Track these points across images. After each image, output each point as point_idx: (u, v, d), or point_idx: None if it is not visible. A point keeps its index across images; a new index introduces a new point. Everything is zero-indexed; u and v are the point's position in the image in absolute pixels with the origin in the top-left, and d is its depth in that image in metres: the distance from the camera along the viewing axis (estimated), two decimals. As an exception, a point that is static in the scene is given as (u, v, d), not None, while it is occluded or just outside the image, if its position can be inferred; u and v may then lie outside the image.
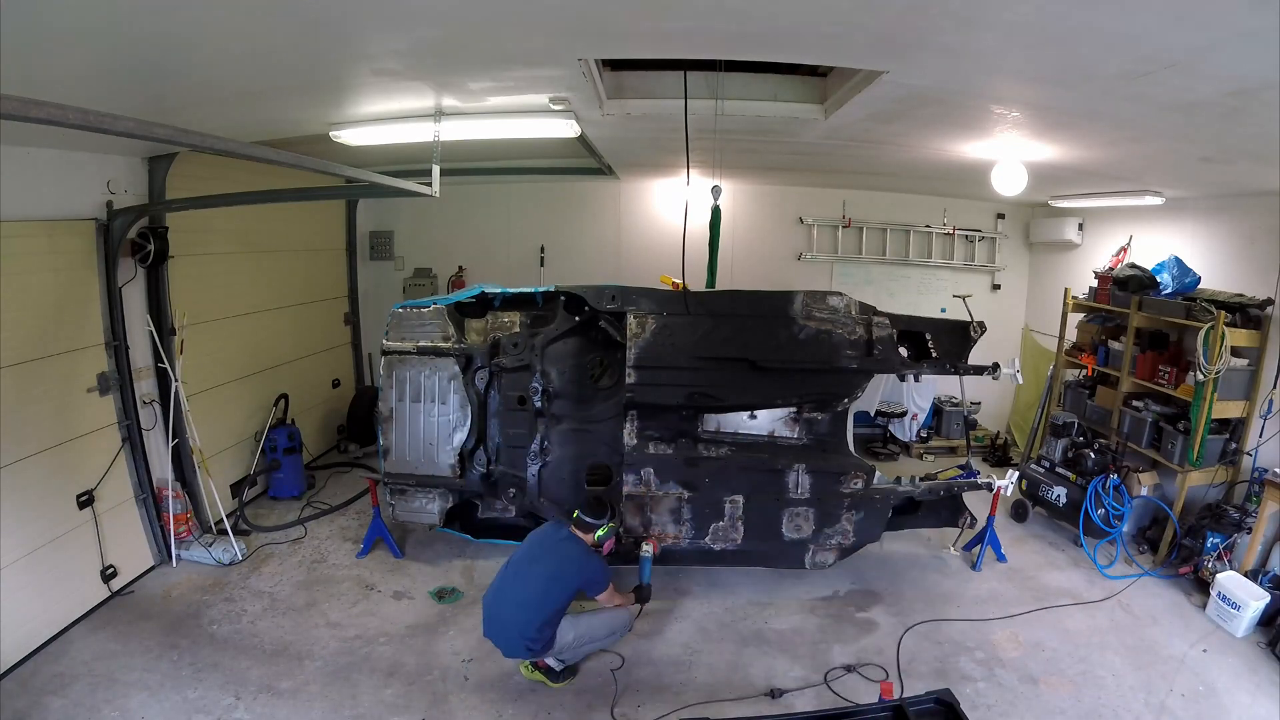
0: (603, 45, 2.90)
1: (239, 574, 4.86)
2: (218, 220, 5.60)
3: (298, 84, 3.24)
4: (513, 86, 3.44)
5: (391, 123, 4.02)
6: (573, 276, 5.66)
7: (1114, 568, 5.17)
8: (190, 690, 3.68)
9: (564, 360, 4.95)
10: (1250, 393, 5.02)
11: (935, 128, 4.00)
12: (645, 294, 4.73)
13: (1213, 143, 3.64)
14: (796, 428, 4.86)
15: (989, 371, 4.92)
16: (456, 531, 5.14)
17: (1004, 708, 3.67)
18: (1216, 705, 3.71)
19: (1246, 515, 4.80)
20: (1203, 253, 5.50)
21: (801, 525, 4.59)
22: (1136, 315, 5.58)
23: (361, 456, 7.20)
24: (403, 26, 2.47)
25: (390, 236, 8.18)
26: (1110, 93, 2.85)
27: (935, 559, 5.31)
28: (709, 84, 3.52)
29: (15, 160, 3.84)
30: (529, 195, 7.94)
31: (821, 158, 5.59)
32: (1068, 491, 5.52)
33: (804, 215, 7.93)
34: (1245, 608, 4.25)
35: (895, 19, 2.25)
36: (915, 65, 2.76)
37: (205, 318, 5.38)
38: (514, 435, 4.97)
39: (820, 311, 4.67)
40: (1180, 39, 2.18)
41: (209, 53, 2.65)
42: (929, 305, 7.60)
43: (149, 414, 4.90)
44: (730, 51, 2.98)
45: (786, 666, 4.01)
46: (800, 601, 4.68)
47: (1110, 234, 6.63)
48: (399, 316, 5.03)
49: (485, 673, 3.90)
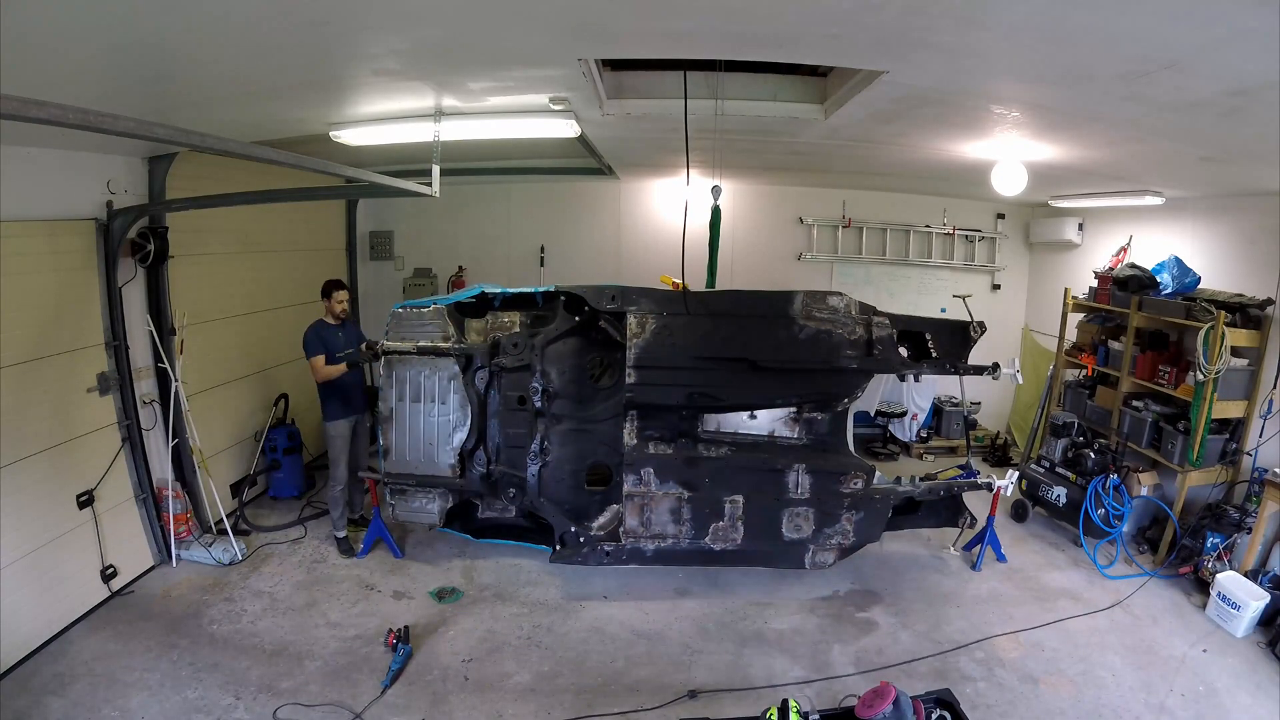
0: (603, 45, 2.90)
1: (239, 574, 4.86)
2: (218, 220, 5.60)
3: (298, 84, 3.24)
4: (513, 86, 3.44)
5: (391, 123, 4.02)
6: (573, 276, 5.66)
7: (1114, 568, 5.17)
8: (190, 690, 3.67)
9: (564, 360, 4.95)
10: (1250, 393, 5.03)
11: (935, 128, 4.00)
12: (645, 294, 4.73)
13: (1213, 143, 3.64)
14: (796, 428, 4.86)
15: (989, 371, 4.92)
16: (456, 531, 5.14)
17: (1004, 708, 3.67)
18: (1216, 705, 3.71)
19: (1246, 515, 4.81)
20: (1203, 253, 5.50)
21: (801, 525, 4.59)
22: (1136, 315, 5.58)
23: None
24: (403, 26, 2.47)
25: (390, 236, 8.18)
26: (1110, 93, 2.85)
27: (935, 559, 5.31)
28: (709, 84, 3.53)
29: (16, 160, 3.84)
30: (529, 195, 7.94)
31: (821, 158, 5.59)
32: (1068, 491, 5.52)
33: (804, 215, 7.93)
34: (1245, 608, 4.25)
35: (895, 19, 2.25)
36: (915, 65, 2.76)
37: (205, 318, 5.38)
38: (514, 435, 4.97)
39: (820, 311, 4.67)
40: (1180, 39, 2.18)
41: (209, 52, 2.65)
42: (929, 305, 7.60)
43: (149, 414, 4.90)
44: (730, 51, 2.98)
45: (786, 666, 4.01)
46: (800, 601, 4.68)
47: (1110, 234, 6.63)
48: (399, 316, 5.03)
49: (485, 673, 3.90)
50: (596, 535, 4.70)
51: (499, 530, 5.19)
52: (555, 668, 3.97)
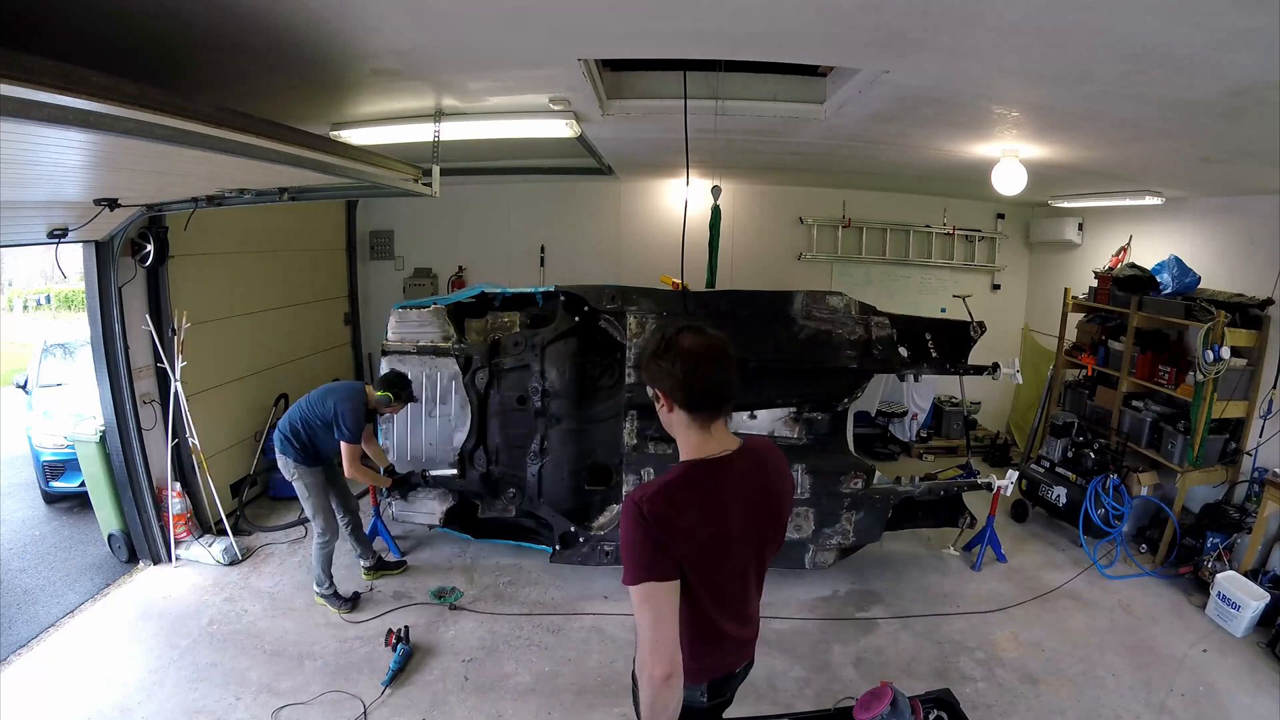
0: (603, 45, 2.89)
1: (239, 574, 4.86)
2: (218, 220, 5.60)
3: (297, 83, 3.24)
4: (513, 86, 3.44)
5: (391, 123, 4.02)
6: (573, 276, 5.66)
7: (1114, 567, 5.17)
8: (190, 690, 3.67)
9: (564, 360, 4.95)
10: (1250, 393, 5.03)
11: (935, 128, 3.99)
12: (645, 294, 4.73)
13: (1213, 143, 3.64)
14: (796, 428, 4.86)
15: (989, 371, 4.92)
16: (456, 531, 5.14)
17: (1004, 708, 3.67)
18: (1216, 705, 3.71)
19: (1246, 515, 4.81)
20: (1203, 253, 5.50)
21: (801, 525, 4.59)
22: (1136, 315, 5.58)
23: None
24: (403, 26, 2.47)
25: (390, 236, 8.18)
26: (1110, 93, 2.85)
27: (935, 559, 5.31)
28: (709, 84, 3.52)
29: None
30: (529, 195, 7.93)
31: (821, 158, 5.59)
32: (1068, 491, 5.53)
33: (804, 215, 7.93)
34: (1245, 608, 4.25)
35: (895, 19, 2.25)
36: (915, 65, 2.75)
37: (205, 318, 5.37)
38: (514, 435, 4.97)
39: (820, 311, 4.67)
40: (1180, 39, 2.18)
41: (208, 51, 2.65)
42: (929, 305, 7.60)
43: (149, 414, 4.90)
44: (730, 51, 2.98)
45: (786, 666, 4.01)
46: (800, 601, 4.68)
47: (1110, 234, 6.63)
48: (399, 316, 5.03)
49: (485, 673, 3.90)
50: (597, 535, 4.70)
51: (499, 530, 5.19)
52: (555, 668, 3.97)
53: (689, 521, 1.74)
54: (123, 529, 4.89)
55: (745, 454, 1.90)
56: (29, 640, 4.04)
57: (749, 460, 1.90)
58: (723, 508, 1.82)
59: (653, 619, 1.68)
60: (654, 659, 1.66)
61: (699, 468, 1.83)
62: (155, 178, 3.43)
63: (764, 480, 1.94)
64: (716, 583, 1.84)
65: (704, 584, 1.79)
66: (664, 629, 1.68)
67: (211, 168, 3.16)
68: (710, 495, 1.81)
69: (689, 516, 1.75)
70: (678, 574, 1.71)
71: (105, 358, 4.60)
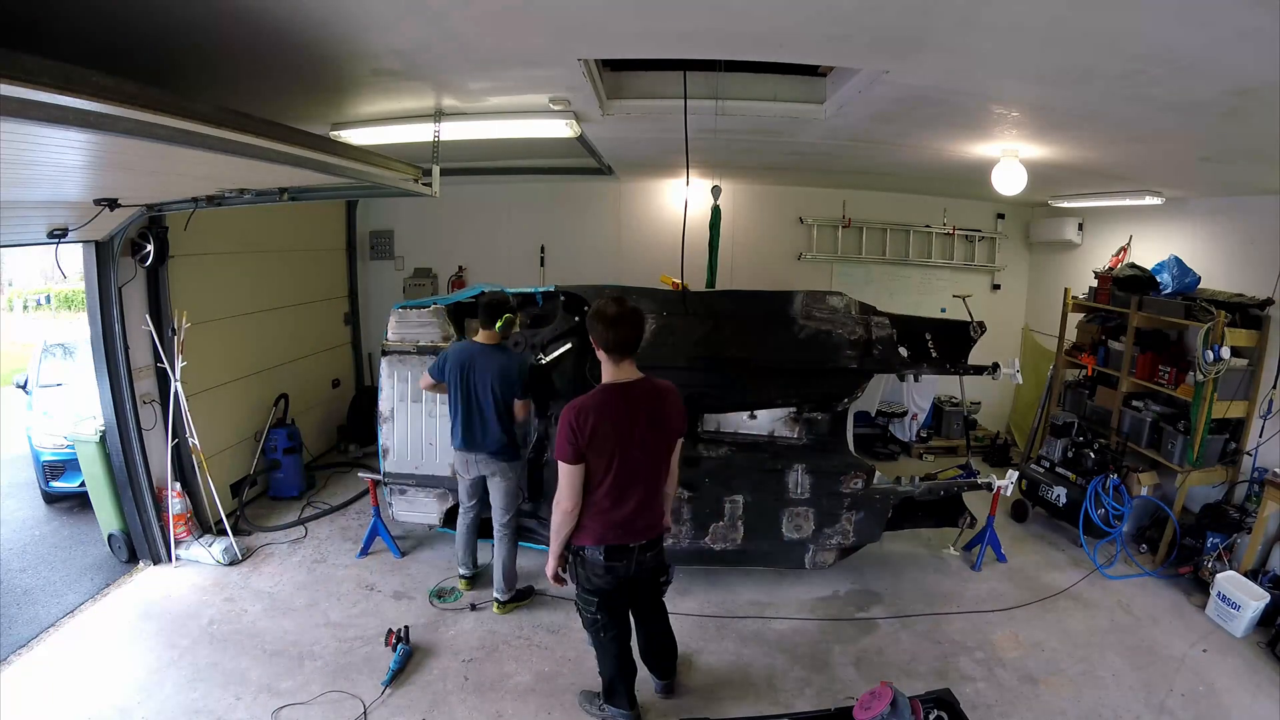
0: (603, 45, 2.90)
1: (239, 574, 4.86)
2: (218, 220, 5.60)
3: (298, 83, 3.24)
4: (513, 86, 3.44)
5: (391, 123, 4.02)
6: (573, 276, 5.66)
7: (1114, 567, 5.17)
8: (190, 690, 3.67)
9: (564, 360, 4.94)
10: (1250, 393, 5.03)
11: (935, 128, 3.99)
12: (645, 294, 4.73)
13: (1213, 143, 3.64)
14: (796, 428, 4.86)
15: (989, 371, 4.92)
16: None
17: (1004, 708, 3.67)
18: (1216, 705, 3.71)
19: (1246, 515, 4.81)
20: (1203, 253, 5.50)
21: (801, 525, 4.59)
22: (1136, 315, 5.58)
23: (362, 456, 7.20)
24: (403, 26, 2.47)
25: (390, 236, 8.18)
26: (1110, 93, 2.85)
27: (935, 559, 5.31)
28: (709, 84, 3.52)
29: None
30: (529, 195, 7.93)
31: (821, 158, 5.59)
32: (1068, 491, 5.53)
33: (804, 215, 7.93)
34: (1245, 608, 4.25)
35: (895, 19, 2.25)
36: (915, 65, 2.76)
37: (205, 317, 5.37)
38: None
39: (820, 311, 4.67)
40: (1180, 39, 2.18)
41: (208, 51, 2.65)
42: (929, 305, 7.59)
43: (149, 414, 4.90)
44: (730, 51, 2.98)
45: (786, 666, 4.01)
46: (800, 601, 4.68)
47: (1110, 234, 6.63)
48: (399, 316, 5.03)
49: (485, 673, 3.90)
50: (596, 535, 4.69)
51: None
52: (555, 668, 3.98)
53: (593, 424, 2.80)
54: (123, 529, 4.89)
55: (644, 384, 2.97)
56: (29, 640, 4.04)
57: (644, 387, 2.96)
58: (622, 416, 2.87)
59: (565, 483, 2.89)
60: (561, 499, 2.92)
61: (609, 390, 2.92)
62: (155, 178, 3.43)
63: (656, 402, 2.98)
64: (611, 467, 2.88)
65: (602, 468, 2.89)
66: (569, 488, 2.89)
67: (211, 168, 3.15)
68: (614, 408, 2.87)
69: (593, 421, 2.81)
70: (582, 459, 2.85)
71: (105, 358, 4.60)
